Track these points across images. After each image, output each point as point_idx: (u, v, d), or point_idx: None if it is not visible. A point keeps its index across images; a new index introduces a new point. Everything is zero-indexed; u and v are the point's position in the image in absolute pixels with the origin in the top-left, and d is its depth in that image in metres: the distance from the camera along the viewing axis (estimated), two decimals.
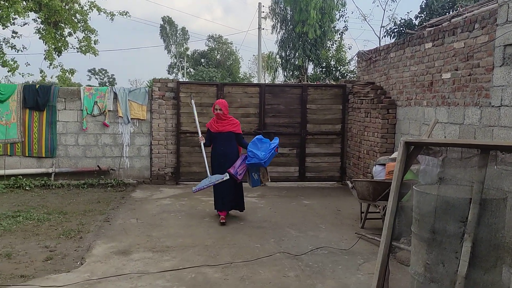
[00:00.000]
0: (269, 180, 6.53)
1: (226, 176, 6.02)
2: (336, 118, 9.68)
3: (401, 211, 4.56)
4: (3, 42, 9.70)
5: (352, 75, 16.71)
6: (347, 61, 18.34)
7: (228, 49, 44.25)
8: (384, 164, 6.51)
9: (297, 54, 22.43)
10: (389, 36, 15.85)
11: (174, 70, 46.46)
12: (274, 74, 26.54)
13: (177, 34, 47.01)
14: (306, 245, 5.24)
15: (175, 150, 9.28)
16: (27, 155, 8.85)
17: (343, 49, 19.10)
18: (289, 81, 22.50)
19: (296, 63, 22.63)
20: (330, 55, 19.51)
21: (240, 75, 43.14)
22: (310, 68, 22.67)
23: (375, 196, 5.75)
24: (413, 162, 3.64)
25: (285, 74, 24.05)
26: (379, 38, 18.70)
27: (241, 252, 4.97)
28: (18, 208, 6.87)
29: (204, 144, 6.59)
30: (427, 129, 6.24)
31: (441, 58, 6.37)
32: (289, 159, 9.57)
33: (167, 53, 47.44)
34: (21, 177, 8.62)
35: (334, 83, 13.37)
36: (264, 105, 9.45)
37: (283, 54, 23.74)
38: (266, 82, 26.55)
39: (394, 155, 6.61)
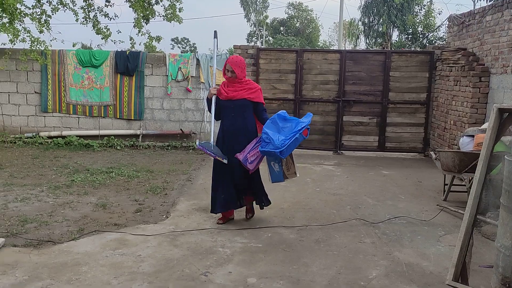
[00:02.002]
0: (297, 174, 4.62)
1: (225, 160, 4.43)
2: (421, 87, 9.20)
3: (489, 184, 4.30)
4: (97, 10, 10.31)
5: (440, 42, 15.65)
6: (436, 27, 17.18)
7: (308, 17, 43.29)
8: (472, 136, 6.10)
9: (381, 20, 21.42)
10: None
11: (253, 38, 46.51)
12: (356, 41, 25.66)
13: (257, 2, 46.77)
14: (384, 214, 5.15)
15: None
16: (118, 117, 9.51)
17: (432, 14, 17.90)
18: (372, 49, 21.64)
19: (380, 29, 21.66)
20: (418, 21, 18.43)
21: (319, 43, 42.18)
22: (395, 35, 21.62)
23: (461, 167, 5.45)
24: (505, 131, 3.39)
25: (367, 41, 23.17)
26: (474, 1, 17.23)
27: (316, 216, 5.01)
28: (111, 165, 7.47)
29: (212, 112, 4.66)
30: None
31: None
32: (368, 128, 9.33)
33: (247, 21, 47.51)
34: (113, 137, 9.33)
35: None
36: (345, 72, 9.21)
37: (366, 20, 22.80)
38: (348, 49, 25.76)
39: (484, 126, 6.18)
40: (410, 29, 18.39)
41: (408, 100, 9.22)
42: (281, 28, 43.56)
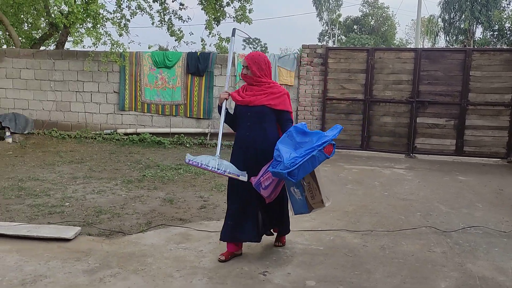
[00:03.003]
0: (324, 203, 3.53)
1: (244, 176, 3.51)
2: (505, 87, 8.53)
3: None
4: (172, 13, 10.77)
5: None
6: None
7: (383, 14, 41.89)
8: None
9: (463, 16, 20.20)
10: None
11: (325, 38, 45.92)
12: (435, 39, 24.41)
13: (330, 1, 46.12)
14: (457, 223, 4.82)
15: (321, 117, 9.29)
16: (188, 116, 9.83)
17: None
18: (451, 47, 20.46)
19: (462, 26, 20.43)
20: (505, 16, 17.06)
21: (395, 41, 40.64)
22: (478, 32, 20.26)
23: None
24: None
25: (447, 39, 21.97)
26: None
27: (382, 222, 4.82)
28: (180, 162, 7.75)
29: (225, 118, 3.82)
30: None
31: None
32: (444, 131, 8.81)
33: (319, 20, 47.02)
34: (183, 135, 9.68)
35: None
36: (419, 71, 8.78)
37: (447, 17, 21.61)
38: (423, 47, 24.60)
39: None
40: (496, 25, 17.10)
41: (490, 102, 8.59)
42: (355, 27, 42.57)
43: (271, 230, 3.96)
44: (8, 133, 9.42)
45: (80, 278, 3.34)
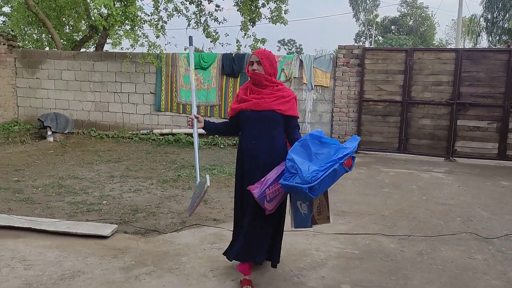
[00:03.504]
0: (330, 220, 3.28)
1: (206, 183, 3.17)
2: None
3: None
4: (208, 15, 10.87)
5: None
6: None
7: (422, 14, 40.90)
8: None
9: (507, 15, 19.41)
10: None
11: (361, 38, 45.26)
12: (476, 39, 23.59)
13: (367, 1, 45.43)
14: (500, 229, 4.62)
15: (357, 118, 9.14)
16: (222, 117, 9.89)
17: None
18: (494, 47, 19.74)
19: (506, 26, 19.63)
20: None
21: (434, 42, 39.63)
22: None
23: None
24: None
25: (490, 39, 21.20)
26: None
27: (420, 227, 4.67)
28: (214, 162, 7.80)
29: (209, 128, 3.56)
30: None
31: None
32: (486, 134, 8.49)
33: (355, 21, 46.41)
34: (217, 136, 9.73)
35: None
36: (460, 72, 8.50)
37: (489, 16, 20.82)
38: (465, 47, 23.85)
39: None
40: None
41: None
42: (392, 27, 41.77)
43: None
44: (49, 132, 9.76)
45: (116, 275, 3.41)
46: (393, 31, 40.39)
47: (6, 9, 13.59)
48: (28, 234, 4.21)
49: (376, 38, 42.97)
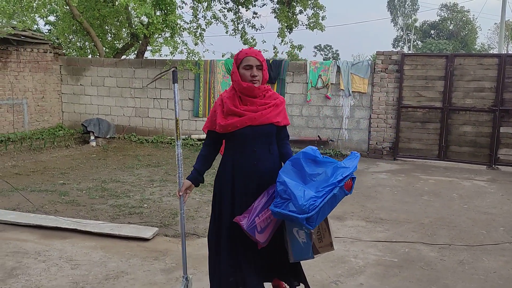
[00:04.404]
0: (333, 247, 2.79)
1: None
2: None
3: None
4: (245, 22, 11.03)
5: None
6: None
7: (463, 18, 39.83)
8: None
9: None
10: None
11: (400, 43, 44.53)
12: None
13: (406, 5, 44.67)
14: None
15: (395, 125, 9.01)
16: None
17: None
18: None
19: None
20: None
21: (476, 46, 38.50)
22: None
23: None
24: None
25: None
26: None
27: (461, 236, 4.58)
28: None
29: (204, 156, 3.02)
30: None
31: None
32: None
33: (393, 26, 45.74)
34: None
35: None
36: (504, 78, 8.25)
37: None
38: (508, 53, 23.03)
39: None
40: None
41: None
42: (432, 32, 40.89)
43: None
44: (92, 137, 10.14)
45: (158, 276, 3.52)
46: (433, 36, 39.52)
47: (52, 18, 14.19)
48: (74, 235, 4.41)
49: (415, 43, 42.15)
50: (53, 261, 3.78)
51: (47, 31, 16.14)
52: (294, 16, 10.60)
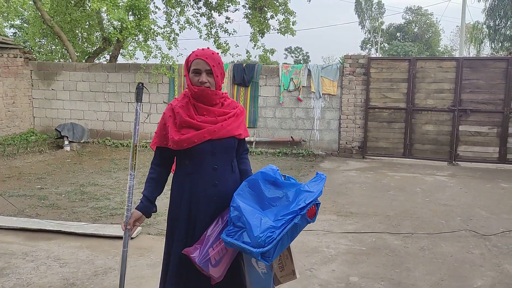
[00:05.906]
0: (296, 275, 2.40)
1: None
2: None
3: None
4: (218, 27, 11.30)
5: None
6: None
7: (427, 21, 41.28)
8: None
9: (508, 23, 19.72)
10: None
11: (367, 45, 45.68)
12: (479, 46, 23.88)
13: (372, 9, 45.87)
14: (497, 227, 4.93)
15: (363, 125, 9.47)
16: None
17: None
18: (497, 54, 20.00)
19: (508, 33, 19.94)
20: None
21: (439, 48, 39.96)
22: None
23: None
24: None
25: (493, 46, 21.46)
26: None
27: (423, 226, 5.00)
28: None
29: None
30: None
31: None
32: (487, 139, 8.79)
33: (361, 28, 46.85)
34: None
35: None
36: (461, 80, 8.83)
37: (491, 23, 21.13)
38: (465, 56, 24.07)
39: None
40: None
41: None
42: (398, 34, 42.17)
43: None
44: (66, 142, 10.15)
45: (144, 271, 3.76)
46: (399, 38, 40.76)
47: (17, 21, 14.06)
48: (59, 236, 4.56)
49: (382, 45, 43.35)
50: (41, 260, 3.95)
51: (11, 34, 15.84)
52: (266, 21, 10.95)
